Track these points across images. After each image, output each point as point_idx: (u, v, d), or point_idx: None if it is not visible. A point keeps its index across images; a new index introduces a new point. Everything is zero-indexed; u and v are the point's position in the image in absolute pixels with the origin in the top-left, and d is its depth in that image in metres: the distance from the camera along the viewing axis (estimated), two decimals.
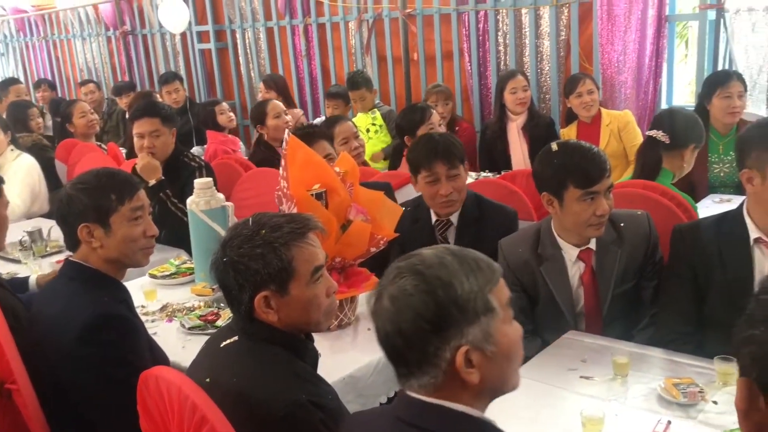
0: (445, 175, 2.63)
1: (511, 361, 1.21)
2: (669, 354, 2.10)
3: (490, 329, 1.14)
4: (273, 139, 4.35)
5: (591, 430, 1.67)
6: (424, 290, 1.13)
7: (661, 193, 2.73)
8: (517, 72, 4.56)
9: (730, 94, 3.64)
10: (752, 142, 2.06)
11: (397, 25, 5.54)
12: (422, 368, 1.15)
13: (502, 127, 4.53)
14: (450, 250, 1.19)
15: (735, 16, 4.22)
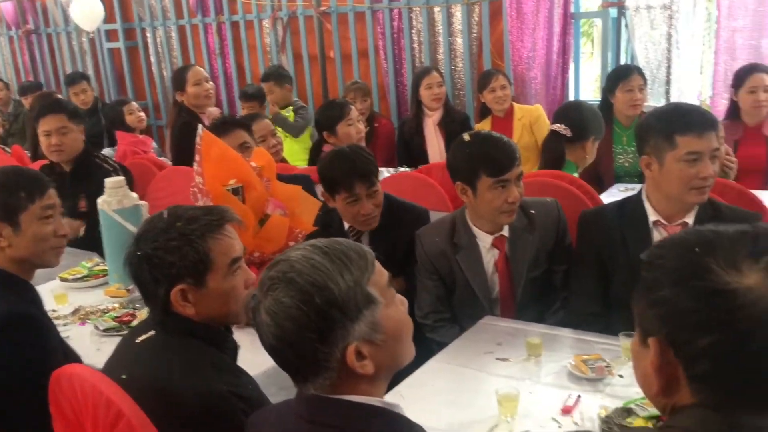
0: (365, 194, 2.54)
1: (402, 339, 1.21)
2: (578, 333, 2.20)
3: (375, 319, 1.14)
4: (193, 106, 4.25)
5: (506, 407, 1.73)
6: (301, 300, 1.10)
7: (570, 181, 2.84)
8: (431, 69, 4.64)
9: (632, 87, 3.83)
10: (650, 130, 2.18)
11: (311, 23, 5.54)
12: (316, 373, 1.14)
13: (418, 123, 4.60)
14: (318, 248, 1.16)
15: (635, 13, 4.43)
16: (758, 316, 0.83)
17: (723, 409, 0.88)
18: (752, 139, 3.73)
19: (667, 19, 4.34)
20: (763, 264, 0.85)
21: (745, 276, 0.85)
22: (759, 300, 0.83)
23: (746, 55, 4.26)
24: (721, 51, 4.34)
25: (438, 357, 2.12)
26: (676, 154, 2.08)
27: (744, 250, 0.87)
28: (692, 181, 2.08)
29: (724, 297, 0.85)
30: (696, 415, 0.89)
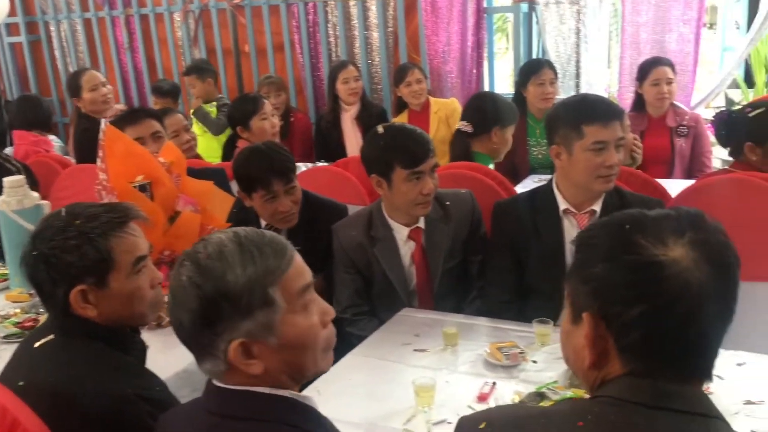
0: (283, 192, 2.50)
1: (307, 349, 1.15)
2: (494, 322, 2.23)
3: (270, 322, 1.10)
4: (92, 112, 4.07)
5: (423, 398, 1.74)
6: (196, 284, 1.09)
7: (484, 173, 2.88)
8: (348, 63, 4.62)
9: (543, 81, 3.92)
10: (558, 120, 2.23)
11: (225, 16, 5.42)
12: (204, 357, 1.13)
13: (336, 117, 4.58)
14: (237, 236, 1.14)
15: (545, 8, 4.54)
16: (681, 286, 0.90)
17: (650, 377, 0.94)
18: (657, 130, 3.88)
19: (575, 14, 4.47)
20: (686, 239, 0.93)
21: (670, 249, 0.92)
22: (683, 271, 0.91)
23: (650, 49, 4.43)
24: (626, 45, 4.50)
25: (356, 351, 2.10)
26: (583, 144, 2.14)
27: (669, 227, 0.94)
28: (599, 169, 2.14)
29: (653, 269, 0.91)
30: (624, 383, 0.95)
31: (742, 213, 2.37)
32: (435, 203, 2.43)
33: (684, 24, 4.35)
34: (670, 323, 0.91)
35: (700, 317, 0.91)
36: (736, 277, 0.95)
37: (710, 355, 0.95)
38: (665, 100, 3.83)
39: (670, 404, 0.92)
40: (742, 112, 2.73)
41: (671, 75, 3.83)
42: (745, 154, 2.66)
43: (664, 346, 0.93)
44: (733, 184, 2.46)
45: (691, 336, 0.92)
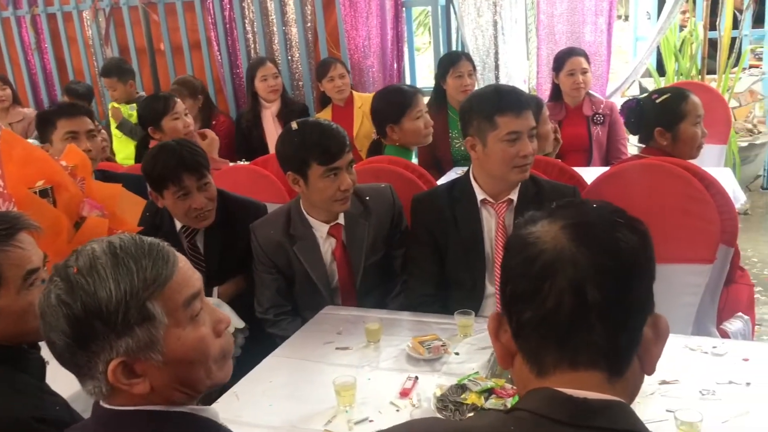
0: (196, 187, 2.41)
1: (197, 363, 1.07)
2: (417, 316, 2.21)
3: (152, 338, 1.02)
4: None
5: (344, 397, 1.70)
6: (65, 302, 1.01)
7: (404, 166, 2.86)
8: (266, 59, 4.53)
9: (461, 73, 3.94)
10: (472, 112, 2.23)
11: (137, 13, 5.24)
12: (84, 379, 1.05)
13: (256, 116, 4.48)
14: (112, 246, 1.04)
15: (462, 1, 4.56)
16: (555, 267, 0.89)
17: (542, 375, 0.91)
18: (574, 119, 3.96)
19: (492, 7, 4.51)
20: (560, 222, 0.92)
21: (545, 232, 0.92)
22: (547, 249, 0.90)
23: (566, 40, 4.51)
24: (542, 37, 4.57)
25: (277, 351, 2.05)
26: (497, 135, 2.14)
27: (550, 213, 0.95)
28: (514, 159, 2.15)
29: (529, 249, 0.91)
30: (541, 396, 0.90)
31: (655, 197, 2.42)
32: (354, 199, 2.39)
33: (597, 15, 4.45)
34: (548, 304, 0.89)
35: (562, 284, 0.88)
36: (609, 249, 0.90)
37: (608, 341, 0.89)
38: (581, 89, 3.91)
39: (591, 422, 0.87)
40: (650, 99, 2.80)
41: (586, 65, 3.91)
42: (656, 140, 2.73)
43: (545, 333, 0.90)
44: (644, 169, 2.51)
45: (566, 322, 0.89)
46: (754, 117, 5.78)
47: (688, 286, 2.38)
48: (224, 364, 1.13)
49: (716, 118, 4.06)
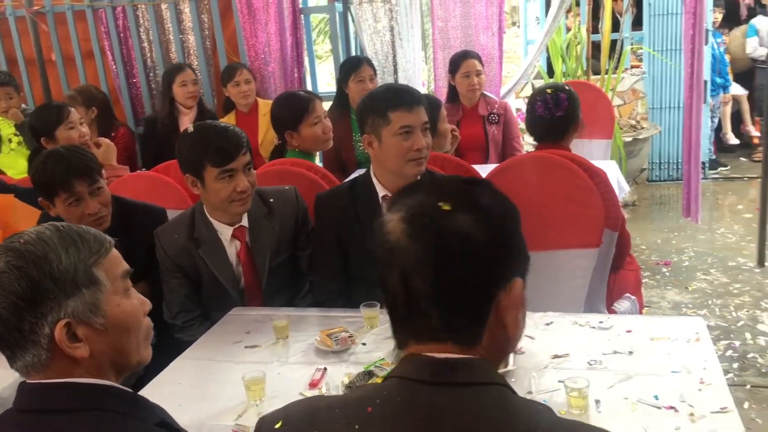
0: (88, 193, 2.36)
1: (130, 332, 1.19)
2: (324, 311, 2.27)
3: (96, 301, 1.12)
4: None
5: (254, 391, 1.73)
6: (16, 266, 1.08)
7: (308, 168, 2.90)
8: (184, 65, 4.47)
9: (363, 78, 4.03)
10: (366, 110, 2.30)
11: (25, 24, 5.05)
12: (23, 347, 1.10)
13: (173, 121, 4.40)
14: (54, 225, 1.16)
15: (359, 7, 4.65)
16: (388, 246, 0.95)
17: (416, 356, 0.95)
18: (471, 119, 4.11)
19: (389, 13, 4.62)
20: (398, 205, 0.98)
21: (389, 220, 0.97)
22: (388, 231, 0.96)
23: (460, 43, 4.68)
24: (437, 41, 4.72)
25: (184, 354, 2.05)
26: (391, 129, 2.22)
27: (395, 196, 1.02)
28: (408, 153, 2.23)
29: (379, 228, 0.97)
30: (409, 362, 0.96)
31: (544, 187, 2.57)
32: (258, 201, 2.42)
33: (488, 21, 4.64)
34: (389, 291, 0.95)
35: (396, 271, 0.94)
36: (436, 234, 0.93)
37: (446, 324, 0.94)
38: (476, 90, 4.07)
39: (453, 378, 0.92)
40: None
41: (480, 67, 4.07)
42: (570, 136, 2.87)
43: (392, 310, 0.97)
44: (533, 161, 2.65)
45: (409, 290, 0.93)
46: (638, 114, 6.16)
47: (578, 269, 2.53)
48: (147, 344, 1.24)
49: (601, 114, 4.32)
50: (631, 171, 5.95)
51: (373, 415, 0.92)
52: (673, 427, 1.49)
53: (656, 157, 6.40)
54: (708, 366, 1.71)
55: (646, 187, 6.39)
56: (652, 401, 1.58)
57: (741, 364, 3.31)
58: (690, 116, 4.29)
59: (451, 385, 0.92)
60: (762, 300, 3.95)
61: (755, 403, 2.99)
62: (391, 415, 0.91)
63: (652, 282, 4.35)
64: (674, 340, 1.86)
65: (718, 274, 4.37)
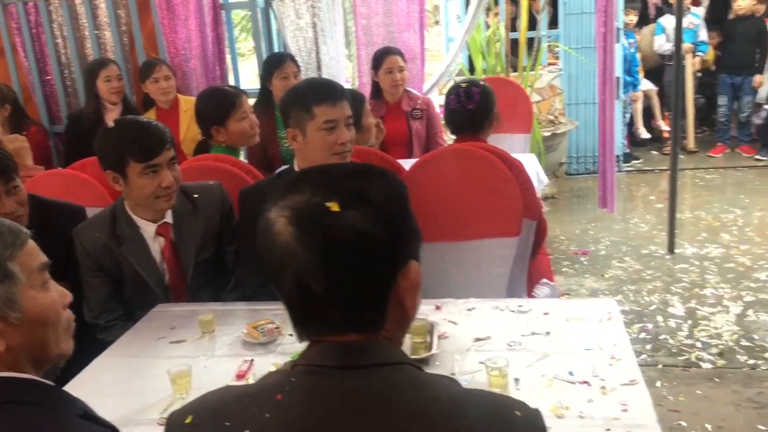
0: (4, 192, 2.29)
1: (48, 326, 1.18)
2: (251, 305, 2.27)
3: (11, 296, 1.12)
4: None
5: (180, 385, 1.73)
6: None
7: (232, 163, 2.89)
8: (109, 60, 4.35)
9: (287, 74, 4.02)
10: (290, 104, 2.31)
11: None
12: None
13: (99, 117, 4.27)
14: None
15: (281, 3, 4.63)
16: (269, 245, 0.94)
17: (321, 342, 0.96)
18: (394, 115, 4.17)
19: (311, 9, 4.62)
20: (282, 204, 0.95)
21: (275, 212, 0.95)
22: (273, 232, 0.94)
23: (383, 40, 4.72)
24: (360, 37, 4.76)
25: (107, 352, 2.02)
26: (316, 124, 2.24)
27: (280, 192, 0.98)
28: (333, 147, 2.26)
29: (267, 233, 0.95)
30: (315, 348, 0.97)
31: (464, 179, 2.64)
32: (182, 196, 2.40)
33: (409, 16, 4.71)
34: (285, 292, 0.94)
35: (288, 275, 0.92)
36: (326, 237, 0.91)
37: (346, 321, 0.94)
38: (399, 86, 4.13)
39: (356, 362, 0.93)
40: None
41: (402, 63, 4.13)
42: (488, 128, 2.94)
43: (290, 309, 0.97)
44: (454, 154, 2.73)
45: (304, 293, 0.92)
46: (556, 109, 6.37)
47: (498, 258, 2.62)
48: (68, 336, 1.24)
49: (520, 110, 4.46)
50: (551, 165, 6.15)
51: (283, 402, 0.92)
52: (586, 400, 1.57)
53: (574, 151, 6.63)
54: (618, 343, 1.81)
55: (566, 180, 6.61)
56: (567, 377, 1.67)
57: (653, 345, 3.48)
58: (604, 111, 4.48)
59: (356, 369, 0.93)
60: (672, 285, 4.16)
61: (666, 381, 3.15)
62: (300, 402, 0.92)
63: (571, 271, 4.52)
64: (588, 320, 1.95)
65: (632, 261, 4.58)
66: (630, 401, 1.55)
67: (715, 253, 4.58)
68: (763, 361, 3.25)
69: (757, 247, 4.61)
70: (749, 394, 3.01)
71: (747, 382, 3.10)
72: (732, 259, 4.45)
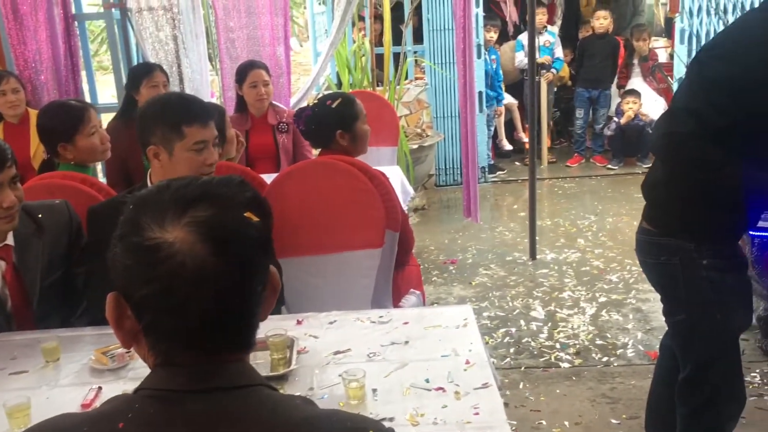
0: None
1: None
2: (101, 329, 2.14)
3: None
4: None
5: (18, 419, 1.60)
6: None
7: (81, 181, 2.74)
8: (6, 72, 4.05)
9: (156, 84, 3.87)
10: (157, 120, 2.21)
11: None
12: None
13: None
14: None
15: (139, 14, 4.48)
16: (176, 268, 0.88)
17: (177, 362, 0.92)
18: (260, 129, 4.12)
19: (171, 21, 4.50)
20: (184, 222, 0.90)
21: (167, 231, 0.89)
22: (177, 253, 0.88)
23: (247, 53, 4.67)
24: (224, 50, 4.68)
25: None
26: (185, 144, 2.17)
27: (170, 207, 0.91)
28: (201, 168, 2.19)
29: (150, 252, 0.89)
30: (161, 372, 0.92)
31: (328, 192, 2.64)
32: (25, 217, 2.24)
33: (274, 29, 4.69)
34: (172, 304, 0.89)
35: (203, 297, 0.89)
36: (243, 253, 0.91)
37: (238, 329, 0.94)
38: (264, 100, 4.08)
39: (208, 384, 0.91)
40: (325, 106, 3.00)
41: (267, 77, 4.09)
42: (337, 141, 2.93)
43: (176, 325, 0.91)
44: (316, 167, 2.73)
45: (198, 315, 0.90)
46: (423, 122, 6.53)
47: (363, 269, 2.64)
48: None
49: (386, 123, 4.53)
50: (420, 176, 6.29)
51: (125, 430, 0.87)
52: (441, 406, 1.60)
53: (442, 163, 6.82)
54: (473, 348, 1.86)
55: (435, 191, 6.78)
56: (424, 384, 1.69)
57: (516, 348, 3.62)
58: (465, 125, 4.64)
59: (205, 392, 0.90)
60: (534, 290, 4.35)
61: (529, 383, 3.28)
62: (144, 430, 0.87)
63: (440, 280, 4.63)
64: (445, 327, 2.00)
65: (497, 268, 4.75)
66: (482, 404, 1.59)
67: (573, 257, 4.84)
68: (615, 357, 3.46)
69: (609, 251, 4.91)
70: (603, 390, 3.18)
71: (601, 379, 3.28)
72: (587, 263, 4.72)
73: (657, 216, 2.16)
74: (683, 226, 2.08)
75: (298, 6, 11.84)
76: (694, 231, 2.06)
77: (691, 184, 2.03)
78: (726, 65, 1.96)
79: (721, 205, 2.01)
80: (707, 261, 2.05)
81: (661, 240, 2.12)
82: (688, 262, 2.07)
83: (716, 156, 1.95)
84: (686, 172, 2.03)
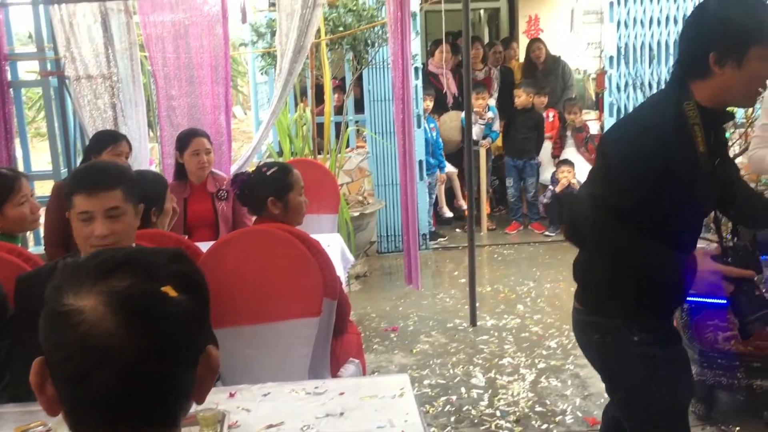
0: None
1: None
2: (24, 406, 2.05)
3: None
4: None
5: None
6: None
7: (8, 250, 2.66)
8: None
9: (120, 153, 3.80)
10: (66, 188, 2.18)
11: None
12: None
13: None
14: None
15: (77, 82, 4.46)
16: (81, 338, 0.86)
17: None
18: (199, 197, 4.09)
19: (110, 89, 4.49)
20: (97, 290, 0.87)
21: (81, 299, 0.87)
22: (83, 322, 0.86)
23: (188, 121, 4.68)
24: (164, 117, 4.68)
25: None
26: (74, 213, 2.11)
27: (91, 275, 0.89)
28: (89, 239, 2.11)
29: (60, 317, 0.87)
30: None
31: (265, 260, 2.62)
32: None
33: (215, 98, 4.72)
34: (76, 374, 0.86)
35: (106, 370, 0.86)
36: (158, 330, 0.88)
37: (151, 409, 0.90)
38: (205, 168, 4.07)
39: None
40: (260, 172, 3.04)
41: (209, 145, 4.09)
42: (269, 209, 2.95)
43: (81, 397, 0.88)
44: (254, 235, 2.71)
45: (98, 389, 0.86)
46: (365, 190, 6.59)
47: (301, 338, 2.60)
48: None
49: (326, 191, 4.56)
50: (362, 244, 6.30)
51: None
52: None
53: (383, 230, 6.86)
54: (409, 419, 1.85)
55: (377, 258, 6.79)
56: None
57: (457, 417, 3.59)
58: (405, 193, 4.71)
59: None
60: (474, 356, 4.35)
61: None
62: None
63: (381, 347, 4.59)
64: (381, 397, 1.98)
65: (438, 335, 4.75)
66: None
67: (512, 323, 4.89)
68: (554, 424, 3.47)
69: (547, 317, 4.98)
70: None
71: None
72: (527, 329, 4.77)
73: (585, 295, 2.15)
74: (610, 305, 2.06)
75: (242, 75, 11.97)
76: (621, 309, 2.04)
77: (608, 266, 2.02)
78: (612, 152, 1.97)
79: (642, 284, 1.98)
80: (638, 337, 2.02)
81: (593, 318, 2.11)
82: (619, 339, 2.04)
83: (626, 238, 1.93)
84: (602, 255, 2.02)
